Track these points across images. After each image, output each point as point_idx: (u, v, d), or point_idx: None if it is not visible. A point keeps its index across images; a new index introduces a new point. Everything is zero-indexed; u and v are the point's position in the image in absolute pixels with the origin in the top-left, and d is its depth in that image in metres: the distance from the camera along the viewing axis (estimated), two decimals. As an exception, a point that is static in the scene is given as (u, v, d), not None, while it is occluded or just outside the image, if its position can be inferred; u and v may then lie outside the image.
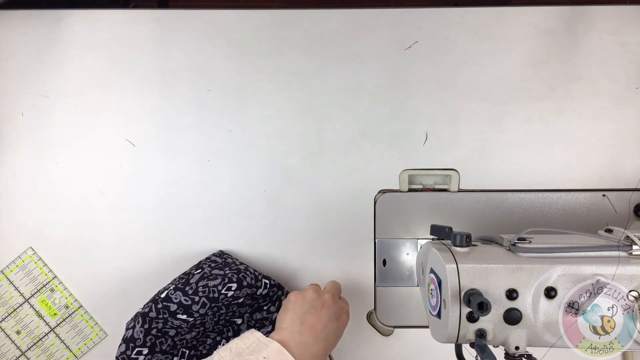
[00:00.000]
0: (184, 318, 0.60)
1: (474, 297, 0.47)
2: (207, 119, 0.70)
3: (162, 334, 0.61)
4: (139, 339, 0.60)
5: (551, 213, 0.70)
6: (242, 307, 0.66)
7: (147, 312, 0.61)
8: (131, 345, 0.60)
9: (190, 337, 0.63)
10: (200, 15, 0.70)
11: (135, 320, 0.61)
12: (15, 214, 0.69)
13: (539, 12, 0.70)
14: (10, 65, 0.70)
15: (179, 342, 0.63)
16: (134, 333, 0.60)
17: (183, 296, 0.60)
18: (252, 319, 0.66)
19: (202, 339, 0.65)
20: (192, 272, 0.64)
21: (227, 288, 0.61)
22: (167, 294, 0.61)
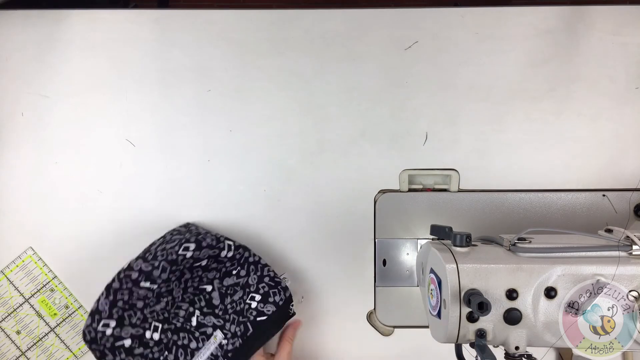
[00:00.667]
0: (147, 286, 0.59)
1: (474, 297, 0.47)
2: (207, 119, 0.70)
3: (130, 307, 0.59)
4: (104, 311, 0.58)
5: (551, 213, 0.70)
6: (209, 272, 0.65)
7: (110, 284, 0.59)
8: (96, 317, 0.58)
9: (160, 308, 0.62)
10: (200, 15, 0.70)
11: (102, 294, 0.59)
12: (15, 214, 0.69)
13: (539, 12, 0.70)
14: (10, 65, 0.70)
15: (149, 314, 0.61)
16: (99, 305, 0.58)
17: (143, 262, 0.60)
18: (223, 286, 0.65)
19: (174, 310, 0.64)
20: (155, 241, 0.63)
21: (185, 248, 0.61)
22: (128, 264, 0.60)
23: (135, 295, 0.60)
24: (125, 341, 0.59)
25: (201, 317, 0.64)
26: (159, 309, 0.62)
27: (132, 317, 0.60)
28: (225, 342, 0.63)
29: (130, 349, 0.59)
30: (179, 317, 0.63)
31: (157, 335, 0.61)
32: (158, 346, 0.61)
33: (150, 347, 0.60)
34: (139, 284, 0.59)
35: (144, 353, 0.60)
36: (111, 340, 0.58)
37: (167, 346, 0.61)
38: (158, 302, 0.62)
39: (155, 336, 0.61)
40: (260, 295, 0.65)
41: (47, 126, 0.70)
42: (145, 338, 0.60)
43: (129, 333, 0.59)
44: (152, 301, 0.61)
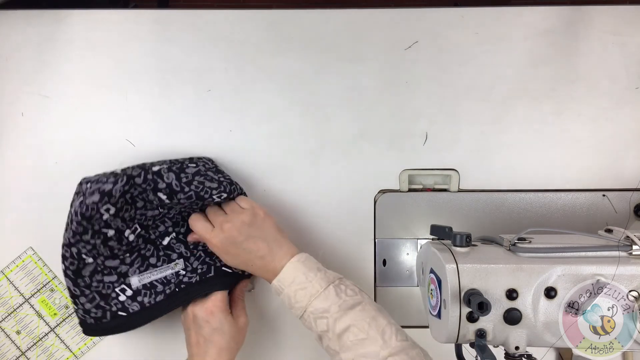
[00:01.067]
0: (163, 199, 0.59)
1: (474, 297, 0.47)
2: (207, 119, 0.70)
3: (132, 202, 0.59)
4: (114, 196, 0.57)
5: (551, 213, 0.70)
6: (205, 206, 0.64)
7: (133, 175, 0.58)
8: (105, 199, 0.56)
9: (151, 215, 0.61)
10: (200, 15, 0.70)
11: (119, 177, 0.58)
12: (15, 214, 0.69)
13: (539, 12, 0.70)
14: (10, 65, 0.70)
15: (139, 216, 0.60)
16: (114, 189, 0.56)
17: (175, 180, 0.59)
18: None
19: (158, 222, 0.63)
20: (186, 163, 0.63)
21: (219, 196, 0.61)
22: (160, 170, 0.60)
23: (144, 196, 0.59)
24: (110, 231, 0.58)
25: (174, 240, 0.64)
26: (149, 215, 0.61)
27: (127, 211, 0.59)
28: (183, 274, 0.64)
29: (107, 239, 0.59)
30: (157, 230, 0.63)
31: (132, 237, 0.61)
32: (127, 247, 0.61)
33: (121, 244, 0.60)
34: (157, 193, 0.59)
35: (113, 247, 0.60)
36: (102, 225, 0.57)
37: (132, 249, 0.61)
38: (154, 209, 0.61)
39: (131, 237, 0.61)
40: None
41: (47, 126, 0.70)
42: (123, 235, 0.60)
43: (116, 225, 0.58)
44: (152, 206, 0.60)
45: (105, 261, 0.60)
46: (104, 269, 0.60)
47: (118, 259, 0.61)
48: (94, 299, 0.61)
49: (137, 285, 0.62)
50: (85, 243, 0.58)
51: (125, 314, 0.62)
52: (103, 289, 0.61)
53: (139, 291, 0.63)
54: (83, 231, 0.57)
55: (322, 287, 0.56)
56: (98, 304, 0.61)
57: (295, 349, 0.70)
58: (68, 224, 0.58)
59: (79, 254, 0.58)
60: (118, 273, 0.61)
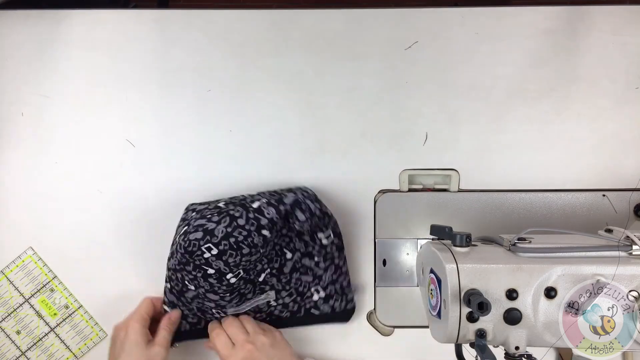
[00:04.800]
0: (267, 235, 0.60)
1: (474, 297, 0.47)
2: (207, 119, 0.70)
3: (237, 248, 0.59)
4: (217, 236, 0.58)
5: (551, 213, 0.70)
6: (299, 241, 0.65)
7: (235, 217, 0.59)
8: (207, 237, 0.58)
9: (254, 259, 0.61)
10: (200, 15, 0.70)
11: (222, 217, 0.59)
12: (15, 213, 0.69)
13: (539, 12, 0.70)
14: (10, 65, 0.70)
15: (244, 262, 0.60)
16: (216, 229, 0.58)
17: (276, 214, 0.61)
18: (300, 262, 0.66)
19: (256, 262, 0.63)
20: (284, 193, 0.64)
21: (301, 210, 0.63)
22: (259, 207, 0.60)
23: (250, 241, 0.59)
24: (210, 270, 0.59)
25: (268, 275, 0.64)
26: (253, 259, 0.61)
27: (231, 257, 0.59)
28: (275, 305, 0.66)
29: (208, 276, 0.60)
30: (255, 270, 0.63)
31: (234, 280, 0.61)
32: (227, 287, 0.61)
33: (221, 284, 0.61)
34: (261, 231, 0.60)
35: (214, 285, 0.60)
36: (202, 262, 0.59)
37: (233, 289, 0.62)
38: (258, 252, 0.61)
39: (232, 280, 0.61)
40: (325, 294, 0.67)
41: (47, 126, 0.70)
42: (225, 277, 0.60)
43: (218, 266, 0.59)
44: (257, 251, 0.60)
45: (206, 294, 0.62)
46: (204, 299, 0.62)
47: (218, 295, 0.62)
48: (193, 310, 0.65)
49: (232, 313, 0.65)
50: (188, 273, 0.60)
51: None
52: (203, 307, 0.64)
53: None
54: (186, 262, 0.60)
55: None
56: (195, 314, 0.66)
57: None
58: (174, 252, 0.61)
59: (183, 280, 0.62)
60: (217, 304, 0.63)
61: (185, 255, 0.59)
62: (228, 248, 0.59)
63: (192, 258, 0.59)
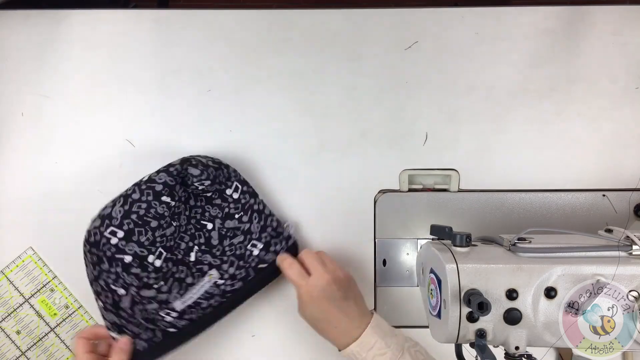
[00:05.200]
0: (167, 201, 0.58)
1: (474, 297, 0.47)
2: (207, 119, 0.70)
3: (143, 223, 0.57)
4: (115, 217, 0.56)
5: (551, 213, 0.70)
6: (212, 208, 0.64)
7: (129, 194, 0.58)
8: (107, 222, 0.56)
9: (170, 232, 0.60)
10: (200, 15, 0.70)
11: (116, 200, 0.58)
12: (15, 214, 0.69)
13: (539, 12, 0.70)
14: (10, 65, 0.70)
15: (159, 237, 0.59)
16: (113, 211, 0.57)
17: (167, 176, 0.59)
18: (224, 227, 0.64)
19: (177, 241, 0.62)
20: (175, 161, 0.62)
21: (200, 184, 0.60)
22: (149, 177, 0.59)
23: (153, 212, 0.58)
24: (126, 257, 0.57)
25: (199, 253, 0.63)
26: (168, 234, 0.60)
27: (142, 235, 0.57)
28: (222, 282, 0.63)
29: (128, 266, 0.57)
30: (180, 249, 0.62)
31: (159, 262, 0.59)
32: (156, 273, 0.59)
33: (147, 272, 0.58)
34: (160, 198, 0.58)
35: (140, 275, 0.58)
36: (113, 250, 0.56)
37: (164, 275, 0.60)
38: (169, 225, 0.60)
39: (157, 262, 0.59)
40: (263, 244, 0.65)
41: (47, 126, 0.70)
42: (146, 261, 0.58)
43: (133, 250, 0.57)
44: (166, 222, 0.59)
45: (139, 291, 0.58)
46: (142, 299, 0.58)
47: (153, 288, 0.59)
48: (141, 324, 0.59)
49: (181, 307, 0.61)
50: (107, 272, 0.57)
51: (176, 330, 0.60)
52: (148, 315, 0.60)
53: (184, 311, 0.61)
54: (98, 260, 0.57)
55: (399, 352, 0.56)
56: (146, 327, 0.60)
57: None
58: (84, 259, 0.58)
59: (108, 285, 0.57)
60: (158, 301, 0.59)
61: (92, 249, 0.56)
62: (134, 226, 0.57)
63: (101, 249, 0.56)
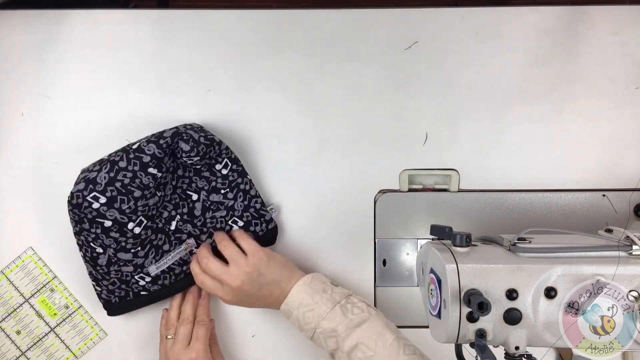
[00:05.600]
0: (154, 172, 0.58)
1: (474, 297, 0.47)
2: (207, 119, 0.70)
3: (126, 192, 0.58)
4: (100, 184, 0.57)
5: (551, 213, 0.70)
6: (200, 180, 0.65)
7: (116, 160, 0.58)
8: (90, 186, 0.57)
9: (153, 202, 0.60)
10: (200, 15, 0.70)
11: (102, 164, 0.58)
12: (15, 214, 0.69)
13: (539, 12, 0.70)
14: (10, 65, 0.70)
15: (141, 207, 0.59)
16: (98, 177, 0.57)
17: (156, 148, 0.59)
18: (208, 199, 0.65)
19: (160, 209, 0.63)
20: (166, 130, 0.62)
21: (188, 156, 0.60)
22: (139, 146, 0.59)
23: (138, 182, 0.58)
24: (106, 221, 0.58)
25: (180, 222, 0.64)
26: (151, 203, 0.60)
27: (124, 203, 0.58)
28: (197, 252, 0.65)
29: (107, 230, 0.58)
30: (162, 218, 0.63)
31: (138, 229, 0.60)
32: (134, 239, 0.60)
33: (126, 237, 0.60)
34: (147, 169, 0.58)
35: (118, 239, 0.60)
36: (94, 214, 0.57)
37: (142, 242, 0.61)
38: (153, 195, 0.60)
39: (136, 230, 0.60)
40: (243, 222, 0.66)
41: (47, 126, 0.70)
42: (126, 227, 0.59)
43: (113, 216, 0.58)
44: (150, 193, 0.59)
45: (117, 253, 0.61)
46: (118, 261, 0.61)
47: (130, 252, 0.61)
48: (115, 283, 0.64)
49: (155, 272, 0.64)
50: (87, 232, 0.59)
51: (147, 293, 0.65)
52: (122, 276, 0.63)
53: (157, 277, 0.65)
54: (79, 219, 0.58)
55: (328, 307, 0.57)
56: (120, 287, 0.64)
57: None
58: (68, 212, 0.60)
59: (87, 242, 0.60)
60: (134, 265, 0.62)
61: (74, 211, 0.57)
62: (117, 194, 0.57)
63: (82, 212, 0.57)
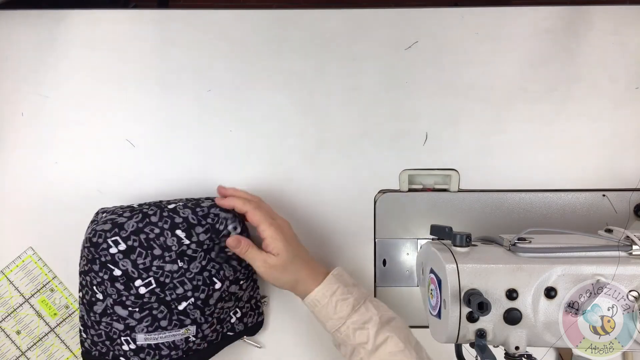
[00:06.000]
0: (182, 237, 0.57)
1: (474, 297, 0.47)
2: (207, 119, 0.70)
3: (147, 247, 0.56)
4: (126, 230, 0.56)
5: (551, 213, 0.70)
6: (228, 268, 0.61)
7: (149, 214, 0.57)
8: (115, 230, 0.56)
9: (169, 269, 0.57)
10: (200, 15, 0.70)
11: (135, 213, 0.57)
12: (15, 214, 0.69)
13: (539, 12, 0.70)
14: (10, 65, 0.70)
15: (155, 268, 0.57)
16: (126, 224, 0.56)
17: (192, 214, 0.58)
18: (227, 291, 0.61)
19: (177, 283, 0.58)
20: (202, 199, 0.62)
21: (234, 227, 0.60)
22: (175, 207, 0.58)
23: (162, 240, 0.57)
24: (116, 270, 0.56)
25: (191, 307, 0.59)
26: (167, 269, 0.57)
27: (140, 257, 0.56)
28: (193, 340, 0.60)
29: (114, 279, 0.56)
30: (175, 293, 0.58)
31: (143, 289, 0.57)
32: (135, 298, 0.57)
33: (129, 293, 0.57)
34: (175, 231, 0.57)
35: (121, 291, 0.57)
36: (107, 259, 0.56)
37: (142, 305, 0.58)
38: (174, 262, 0.58)
39: (141, 290, 0.57)
40: (241, 313, 0.65)
41: (47, 126, 0.70)
42: (132, 283, 0.57)
43: (125, 267, 0.56)
44: (170, 257, 0.57)
45: (114, 306, 0.57)
46: (112, 314, 0.58)
47: (127, 309, 0.57)
48: (102, 336, 0.59)
49: (142, 342, 0.59)
50: (95, 274, 0.57)
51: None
52: (110, 332, 0.59)
53: (142, 348, 0.59)
54: (91, 259, 0.57)
55: (362, 298, 0.57)
56: (104, 342, 0.59)
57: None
58: (81, 251, 0.59)
59: (91, 285, 0.58)
60: (125, 325, 0.58)
61: (91, 249, 0.56)
62: (137, 245, 0.56)
63: (98, 252, 0.56)
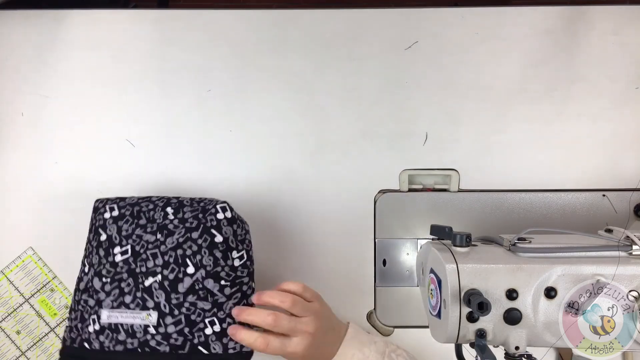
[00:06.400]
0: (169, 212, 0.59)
1: (474, 297, 0.47)
2: (207, 119, 0.70)
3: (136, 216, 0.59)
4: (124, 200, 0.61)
5: (551, 213, 0.70)
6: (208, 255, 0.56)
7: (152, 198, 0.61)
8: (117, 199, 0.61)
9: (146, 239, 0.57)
10: (200, 15, 0.70)
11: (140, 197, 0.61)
12: (15, 214, 0.69)
13: (539, 12, 0.70)
14: (10, 65, 0.70)
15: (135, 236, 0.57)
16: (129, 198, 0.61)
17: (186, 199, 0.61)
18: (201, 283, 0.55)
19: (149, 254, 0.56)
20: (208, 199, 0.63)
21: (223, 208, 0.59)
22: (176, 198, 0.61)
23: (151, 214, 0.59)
24: (103, 235, 0.59)
25: (157, 285, 0.55)
26: (145, 239, 0.57)
27: (126, 224, 0.58)
28: (153, 333, 0.54)
29: (99, 245, 0.58)
30: (145, 266, 0.55)
31: (119, 257, 0.56)
32: (110, 266, 0.56)
33: (107, 261, 0.57)
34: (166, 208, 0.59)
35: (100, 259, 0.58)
36: (100, 223, 0.59)
37: (114, 276, 0.56)
38: (154, 234, 0.57)
39: (117, 257, 0.56)
40: (221, 328, 0.55)
41: (47, 126, 0.70)
42: (111, 249, 0.57)
43: (111, 232, 0.58)
44: (152, 228, 0.57)
45: (93, 278, 0.57)
46: (90, 288, 0.57)
47: (101, 280, 0.56)
48: (77, 318, 0.57)
49: (105, 320, 0.55)
50: (89, 244, 0.60)
51: (89, 347, 0.55)
52: (84, 312, 0.57)
53: (103, 329, 0.55)
54: (90, 227, 0.60)
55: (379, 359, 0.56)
56: (77, 326, 0.57)
57: None
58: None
59: (84, 258, 0.60)
60: (97, 300, 0.56)
61: (92, 215, 0.60)
62: (128, 214, 0.59)
63: (95, 217, 0.60)
